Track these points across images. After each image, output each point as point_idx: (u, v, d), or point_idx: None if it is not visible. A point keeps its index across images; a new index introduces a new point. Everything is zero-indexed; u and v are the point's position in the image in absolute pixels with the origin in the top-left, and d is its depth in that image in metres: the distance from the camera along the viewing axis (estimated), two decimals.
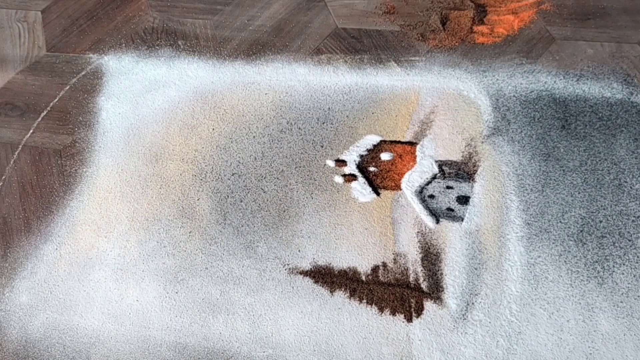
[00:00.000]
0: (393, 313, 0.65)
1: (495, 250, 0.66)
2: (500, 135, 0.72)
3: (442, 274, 0.66)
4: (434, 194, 0.70)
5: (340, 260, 0.69)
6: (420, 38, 0.81)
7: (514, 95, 0.74)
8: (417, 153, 0.72)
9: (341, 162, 0.74)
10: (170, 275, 0.70)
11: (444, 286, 0.66)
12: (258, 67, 0.82)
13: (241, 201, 0.73)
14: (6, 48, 0.90)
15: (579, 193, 0.68)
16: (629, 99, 0.72)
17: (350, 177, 0.73)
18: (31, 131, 0.82)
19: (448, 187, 0.70)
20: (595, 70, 0.75)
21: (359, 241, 0.69)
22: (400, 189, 0.71)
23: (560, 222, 0.67)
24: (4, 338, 0.70)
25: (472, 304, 0.64)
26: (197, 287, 0.69)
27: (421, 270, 0.67)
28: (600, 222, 0.66)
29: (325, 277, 0.68)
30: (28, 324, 0.70)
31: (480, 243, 0.67)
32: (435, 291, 0.66)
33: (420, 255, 0.67)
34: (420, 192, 0.71)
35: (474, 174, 0.70)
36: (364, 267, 0.68)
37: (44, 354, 0.68)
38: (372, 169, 0.73)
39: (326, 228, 0.70)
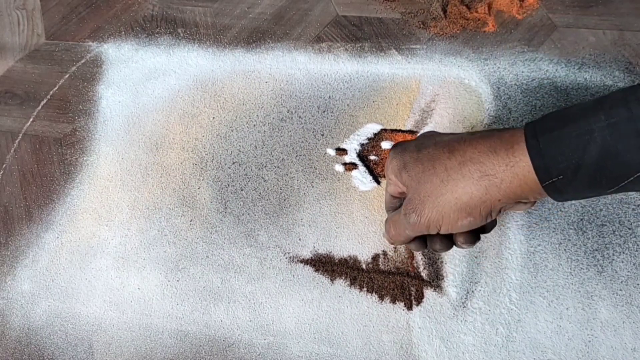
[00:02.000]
0: (393, 301, 0.66)
1: (495, 239, 0.66)
2: (502, 123, 0.71)
3: (442, 262, 0.67)
4: None
5: (341, 249, 0.69)
6: (422, 26, 0.80)
7: (515, 84, 0.74)
8: None
9: (342, 151, 0.74)
10: (172, 263, 0.71)
11: (444, 274, 0.66)
12: (258, 55, 0.81)
13: (242, 190, 0.73)
14: (5, 36, 0.89)
15: None
16: None
17: (351, 166, 0.73)
18: (31, 120, 0.82)
19: None
20: (597, 58, 0.74)
21: (359, 230, 0.69)
22: None
23: (561, 210, 0.67)
24: (7, 326, 0.70)
25: (472, 292, 0.65)
26: (198, 276, 0.70)
27: (421, 258, 0.67)
28: (601, 210, 0.66)
29: (325, 265, 0.68)
30: (30, 311, 0.71)
31: None
32: (435, 279, 0.66)
33: None
34: None
35: None
36: (364, 256, 0.68)
37: (46, 341, 0.69)
38: (372, 157, 0.73)
39: (327, 217, 0.70)
